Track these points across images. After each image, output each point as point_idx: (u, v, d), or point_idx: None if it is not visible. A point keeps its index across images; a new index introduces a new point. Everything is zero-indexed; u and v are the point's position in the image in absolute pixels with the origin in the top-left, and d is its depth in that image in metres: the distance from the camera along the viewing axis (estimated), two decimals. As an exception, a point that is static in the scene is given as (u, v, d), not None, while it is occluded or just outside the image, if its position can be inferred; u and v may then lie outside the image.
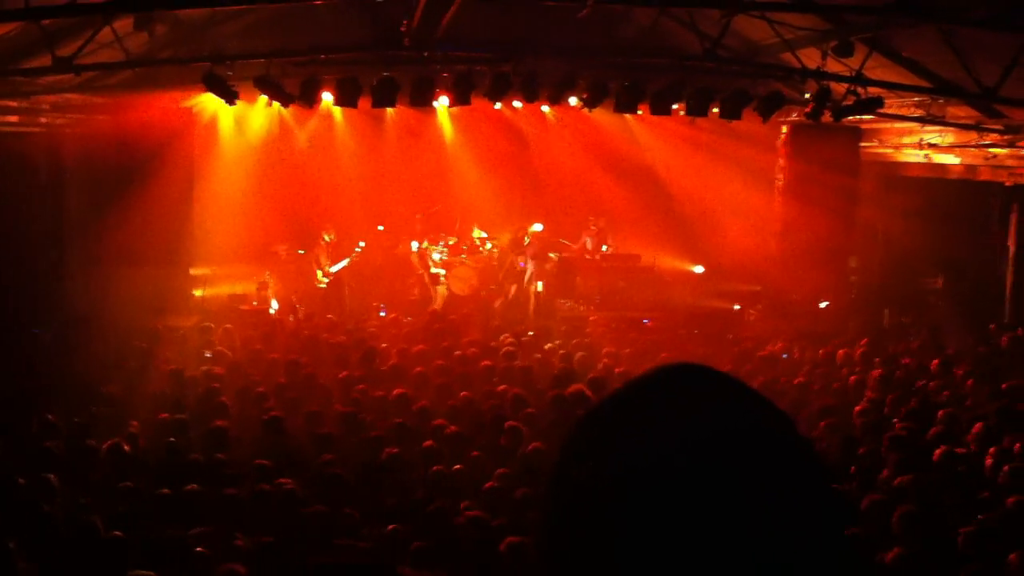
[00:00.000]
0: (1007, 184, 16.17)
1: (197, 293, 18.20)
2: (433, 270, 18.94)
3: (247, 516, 7.41)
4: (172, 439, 9.14)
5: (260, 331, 14.91)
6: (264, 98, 15.64)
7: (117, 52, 12.78)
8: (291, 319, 16.72)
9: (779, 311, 17.75)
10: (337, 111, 18.65)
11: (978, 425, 9.60)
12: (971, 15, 9.99)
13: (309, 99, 15.27)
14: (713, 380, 1.15)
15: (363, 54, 15.20)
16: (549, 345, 14.37)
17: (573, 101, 16.40)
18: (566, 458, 1.14)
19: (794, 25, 13.24)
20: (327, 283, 18.28)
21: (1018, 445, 9.06)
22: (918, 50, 13.13)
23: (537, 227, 20.95)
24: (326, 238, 18.47)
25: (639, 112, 16.72)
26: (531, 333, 15.17)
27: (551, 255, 20.09)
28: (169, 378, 11.70)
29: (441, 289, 18.77)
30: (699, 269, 21.02)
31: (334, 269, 18.29)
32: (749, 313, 18.39)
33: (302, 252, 19.20)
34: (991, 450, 8.96)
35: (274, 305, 17.83)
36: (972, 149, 15.86)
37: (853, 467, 8.66)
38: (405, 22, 13.00)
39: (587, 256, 19.97)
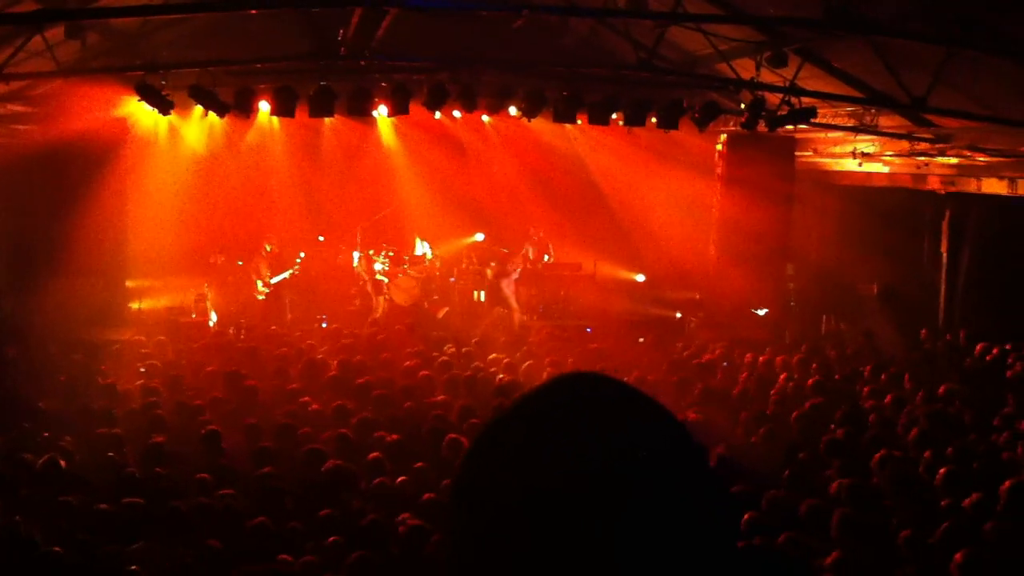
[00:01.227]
0: (939, 192, 16.51)
1: (134, 305, 17.91)
2: (376, 278, 18.84)
3: (188, 531, 7.28)
4: (110, 454, 8.97)
5: (199, 343, 14.70)
6: (200, 108, 15.44)
7: (48, 61, 12.55)
8: (231, 331, 16.52)
9: (718, 318, 17.94)
10: (275, 121, 18.49)
11: (914, 430, 9.76)
12: (899, 28, 10.19)
13: (245, 109, 15.14)
14: (610, 391, 1.18)
15: (299, 63, 15.07)
16: (493, 355, 14.35)
17: (513, 111, 16.44)
18: (468, 471, 1.17)
19: (728, 36, 13.40)
20: (267, 294, 18.09)
21: (950, 449, 9.24)
22: (850, 61, 13.36)
23: (479, 237, 20.97)
24: (267, 248, 18.30)
25: (578, 122, 16.81)
26: (474, 342, 15.14)
27: (492, 265, 20.10)
28: (104, 392, 11.48)
29: (382, 299, 18.68)
30: (640, 277, 21.17)
31: (275, 280, 18.12)
32: (690, 321, 18.56)
33: (241, 263, 18.98)
34: (926, 454, 9.11)
35: (213, 317, 17.60)
36: (905, 158, 16.18)
37: (787, 471, 8.72)
38: (341, 31, 12.94)
39: (528, 265, 20.00)
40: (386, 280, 18.84)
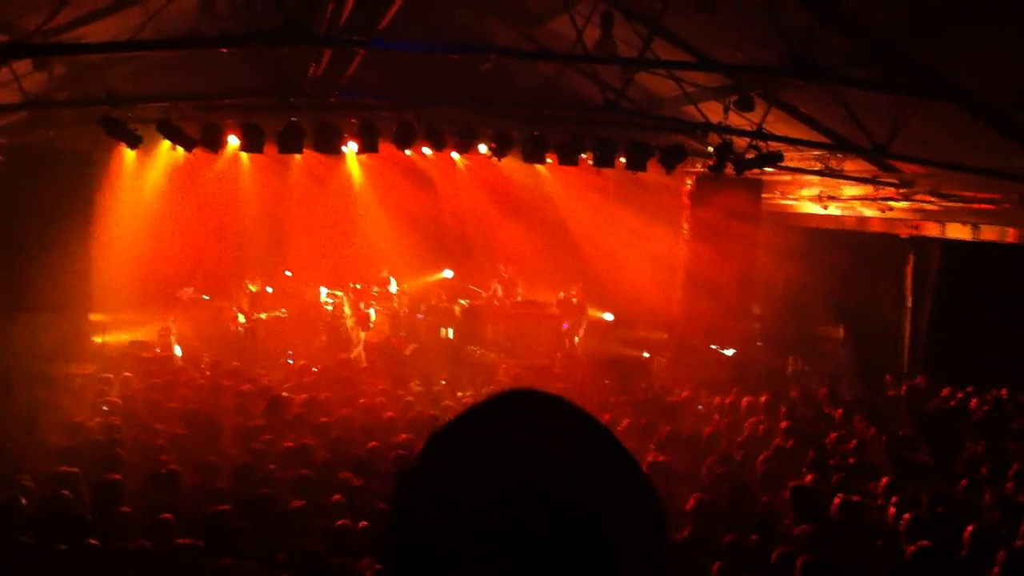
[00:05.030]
0: (902, 236, 16.69)
1: (97, 339, 17.69)
2: (364, 311, 18.80)
3: (145, 571, 7.15)
4: (64, 492, 8.80)
5: (161, 379, 14.52)
6: (167, 142, 15.36)
7: (14, 92, 12.46)
8: (198, 366, 16.35)
9: (685, 358, 17.98)
10: (242, 154, 18.46)
11: (884, 479, 9.77)
12: (850, 77, 10.34)
13: (213, 144, 15.10)
14: (546, 407, 1.20)
15: (266, 99, 15.05)
16: (461, 393, 14.28)
17: (483, 149, 16.49)
18: (404, 487, 1.18)
19: (695, 81, 13.54)
20: (245, 327, 18.07)
21: (910, 491, 9.27)
22: (814, 106, 13.54)
23: (447, 273, 20.97)
24: (251, 288, 18.29)
25: (548, 161, 16.88)
26: (443, 382, 15.07)
27: (461, 301, 20.10)
28: (64, 429, 11.29)
29: (361, 334, 18.59)
30: (609, 316, 21.20)
31: (259, 316, 18.17)
32: (658, 361, 18.58)
33: (207, 297, 18.87)
34: (893, 499, 9.13)
35: (178, 351, 17.41)
36: (869, 202, 16.35)
37: (754, 517, 8.71)
38: (312, 67, 12.95)
39: (496, 303, 20.00)
40: (372, 315, 18.80)
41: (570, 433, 1.17)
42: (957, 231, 15.30)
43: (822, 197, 17.00)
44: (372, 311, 18.85)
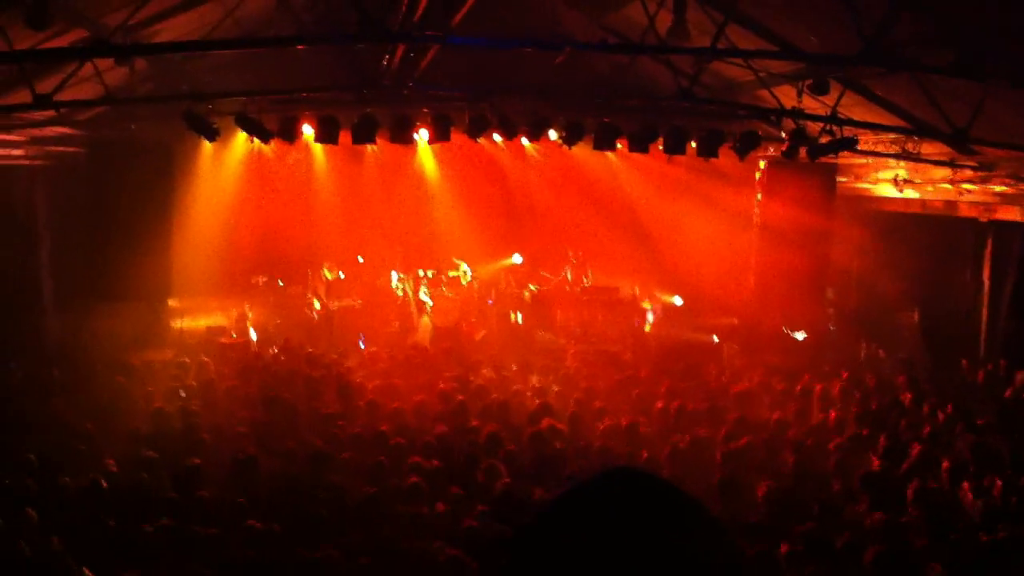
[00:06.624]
0: (981, 220, 16.35)
1: (176, 325, 18.14)
2: (422, 298, 19.02)
3: (224, 556, 7.37)
4: (145, 475, 9.08)
5: (238, 365, 14.85)
6: (244, 134, 15.67)
7: (96, 86, 12.80)
8: (272, 351, 16.68)
9: (756, 343, 17.84)
10: (317, 145, 18.74)
11: (946, 462, 9.65)
12: (933, 64, 10.12)
13: (289, 136, 15.37)
14: (655, 495, 1.22)
15: (341, 94, 15.27)
16: (533, 380, 14.37)
17: (553, 135, 16.49)
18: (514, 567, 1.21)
19: (769, 66, 13.40)
20: (321, 314, 18.38)
21: (987, 480, 9.14)
22: (891, 90, 13.30)
23: (517, 259, 21.06)
24: (328, 275, 18.59)
25: (618, 147, 16.85)
26: (514, 367, 15.17)
27: (530, 287, 20.19)
28: (145, 413, 11.63)
29: (426, 320, 18.80)
30: (678, 301, 21.11)
31: (335, 305, 18.49)
32: (728, 346, 18.46)
33: (281, 284, 19.24)
34: (965, 486, 9.01)
35: (253, 336, 17.78)
36: (947, 185, 16.04)
37: (816, 506, 8.65)
38: (386, 57, 13.08)
39: (567, 288, 20.05)
40: (428, 301, 18.99)
41: (678, 525, 1.19)
42: (1037, 215, 14.96)
43: (898, 180, 16.70)
44: (428, 297, 19.02)
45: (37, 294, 16.92)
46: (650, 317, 19.59)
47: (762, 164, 18.48)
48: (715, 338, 19.03)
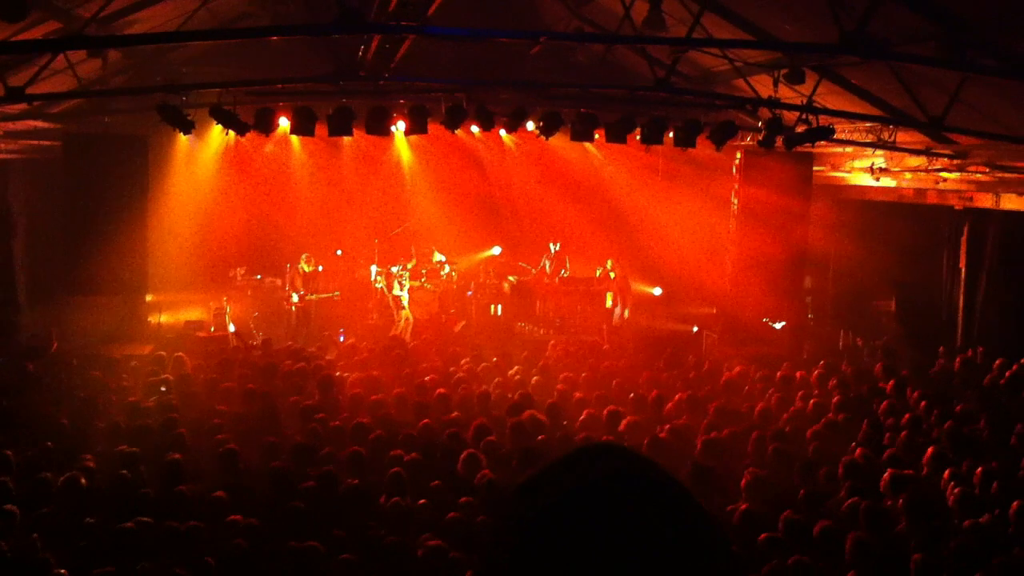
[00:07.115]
0: (957, 208, 16.44)
1: (153, 319, 18.02)
2: (396, 293, 18.91)
3: (205, 550, 7.32)
4: (124, 472, 9.00)
5: (216, 359, 14.75)
6: (219, 126, 15.55)
7: (70, 79, 12.68)
8: (250, 343, 16.59)
9: (735, 333, 17.90)
10: (294, 136, 18.62)
11: (930, 449, 9.71)
12: (912, 53, 10.15)
13: (265, 128, 15.24)
14: (639, 476, 1.19)
15: (318, 84, 15.18)
16: (512, 371, 14.35)
17: (530, 126, 16.47)
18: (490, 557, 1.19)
19: (746, 56, 13.42)
20: (298, 306, 18.26)
21: (966, 467, 9.20)
22: (867, 79, 13.34)
23: (496, 251, 21.03)
24: (305, 268, 18.44)
25: (596, 137, 16.85)
26: (495, 359, 15.15)
27: (510, 278, 20.17)
28: (122, 408, 11.53)
29: (405, 313, 18.73)
30: (657, 291, 21.16)
31: (312, 297, 18.35)
32: (708, 335, 18.52)
33: (259, 277, 19.14)
34: (944, 475, 9.06)
35: (231, 328, 17.67)
36: (922, 173, 16.12)
37: (802, 491, 8.70)
38: (361, 51, 13.00)
39: (546, 279, 20.05)
40: (404, 296, 18.91)
41: (661, 511, 1.16)
42: (1012, 202, 15.02)
43: (874, 169, 16.77)
44: (404, 291, 18.91)
45: (11, 289, 16.73)
46: (618, 312, 19.51)
47: (739, 154, 18.52)
48: (695, 328, 19.09)
